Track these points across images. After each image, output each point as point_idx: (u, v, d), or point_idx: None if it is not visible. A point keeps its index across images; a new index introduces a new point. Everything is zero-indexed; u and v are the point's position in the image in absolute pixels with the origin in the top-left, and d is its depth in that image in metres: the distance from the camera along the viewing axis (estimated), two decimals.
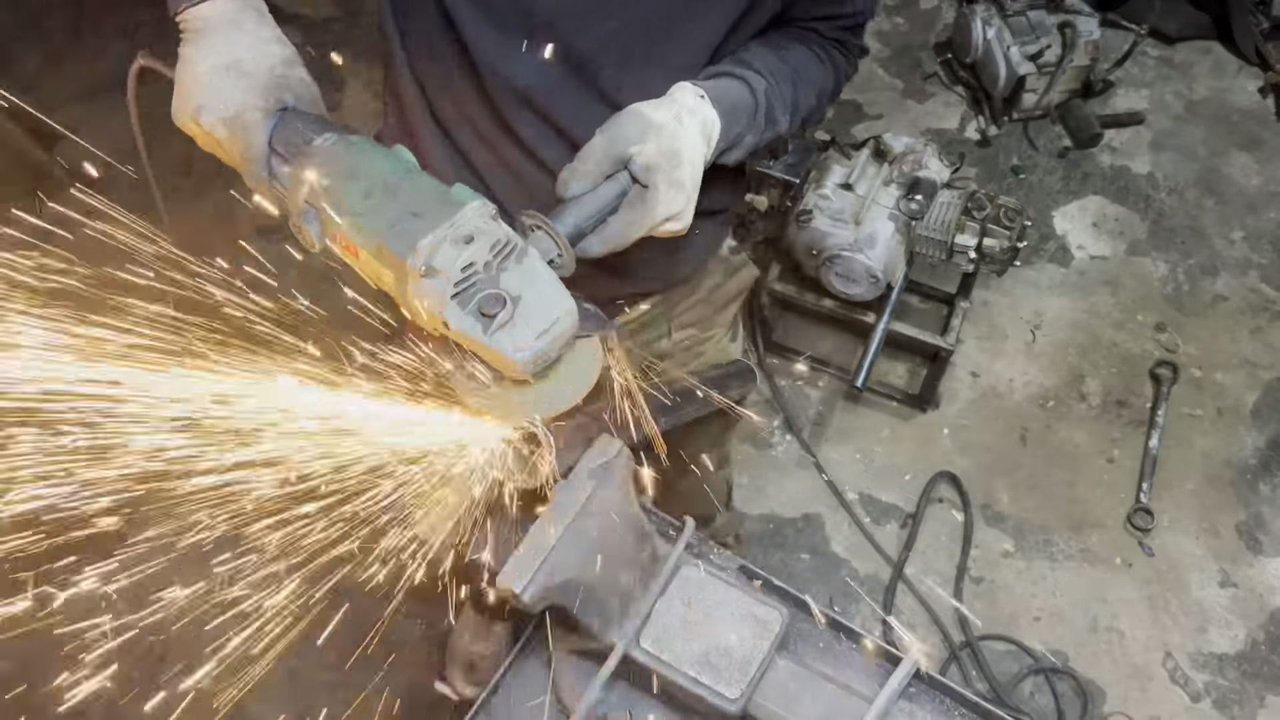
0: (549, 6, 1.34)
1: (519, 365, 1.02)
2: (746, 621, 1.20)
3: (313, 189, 1.10)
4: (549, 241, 1.14)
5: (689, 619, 1.20)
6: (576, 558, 1.13)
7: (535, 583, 1.09)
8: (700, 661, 1.17)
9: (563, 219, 1.17)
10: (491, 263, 1.03)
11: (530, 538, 1.13)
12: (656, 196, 1.22)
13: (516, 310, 1.02)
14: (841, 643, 1.27)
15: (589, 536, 1.14)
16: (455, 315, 1.01)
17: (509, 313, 1.01)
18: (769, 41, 1.50)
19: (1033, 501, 3.27)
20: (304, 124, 1.18)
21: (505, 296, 1.01)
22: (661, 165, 1.22)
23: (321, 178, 1.10)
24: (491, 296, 1.01)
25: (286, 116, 1.20)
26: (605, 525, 1.16)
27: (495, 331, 1.01)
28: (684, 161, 1.24)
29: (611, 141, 1.21)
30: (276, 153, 1.19)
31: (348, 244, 1.08)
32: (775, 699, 1.17)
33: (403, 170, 1.10)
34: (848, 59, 1.62)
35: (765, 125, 1.43)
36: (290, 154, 1.17)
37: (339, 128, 1.18)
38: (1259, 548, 3.18)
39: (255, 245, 1.46)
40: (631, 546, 1.21)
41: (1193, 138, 4.18)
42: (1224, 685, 2.95)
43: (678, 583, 1.23)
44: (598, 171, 1.21)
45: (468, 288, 1.01)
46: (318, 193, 1.10)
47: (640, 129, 1.22)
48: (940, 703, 1.20)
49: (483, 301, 1.01)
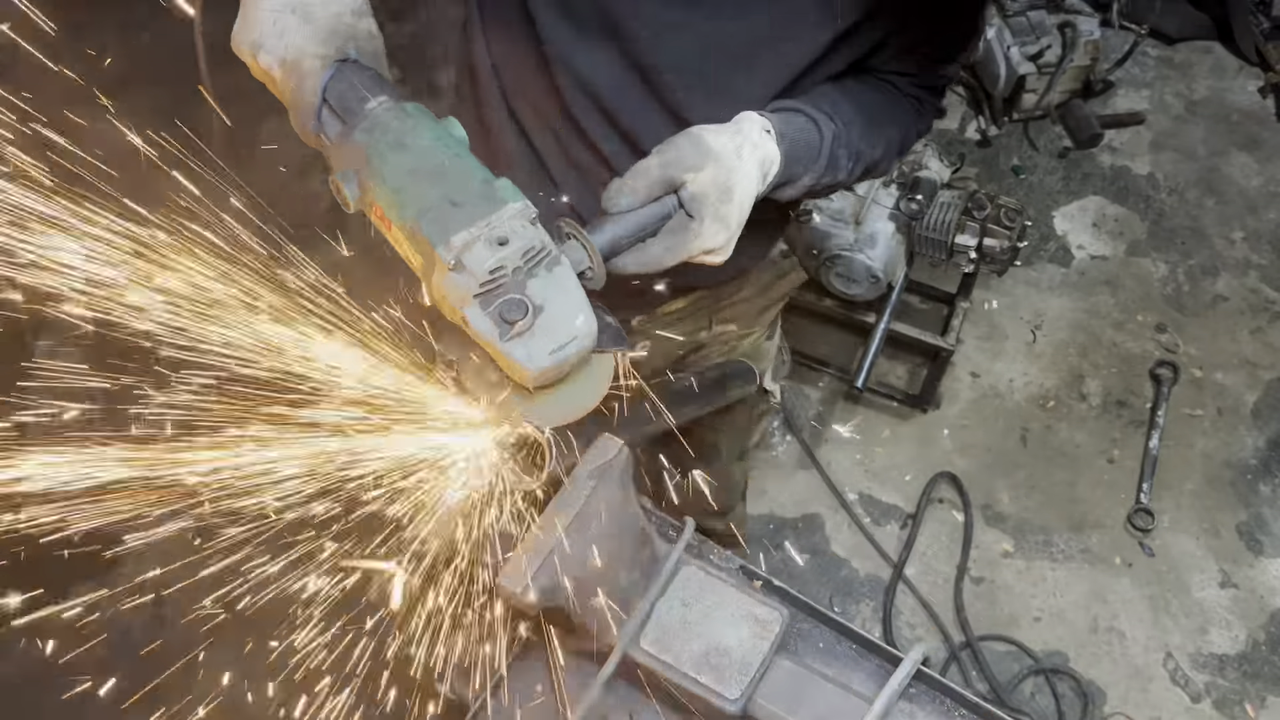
0: (627, 14, 1.32)
1: (528, 377, 1.01)
2: (746, 622, 1.20)
3: (356, 152, 1.08)
4: (582, 253, 1.12)
5: (689, 619, 1.20)
6: (576, 558, 1.13)
7: (535, 583, 1.09)
8: (700, 661, 1.17)
9: (600, 232, 1.15)
10: (521, 268, 1.01)
11: (530, 538, 1.13)
12: (700, 228, 1.19)
13: (537, 321, 1.00)
14: (841, 643, 1.27)
15: (589, 537, 1.14)
16: (475, 315, 1.00)
17: (528, 322, 0.99)
18: (845, 86, 1.46)
19: (1033, 501, 3.27)
20: (361, 80, 1.14)
21: (528, 304, 1.00)
22: (711, 198, 1.19)
23: (367, 143, 1.07)
24: (514, 303, 1.00)
25: (344, 69, 1.15)
26: (605, 525, 1.16)
27: (511, 339, 0.99)
28: (734, 198, 1.21)
29: (666, 164, 1.18)
30: (328, 104, 1.15)
31: (382, 215, 1.06)
32: (775, 699, 1.17)
33: (452, 150, 1.07)
34: (921, 116, 1.57)
35: (826, 170, 1.39)
36: (341, 110, 1.13)
37: (395, 91, 1.14)
38: (1259, 548, 3.18)
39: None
40: (631, 546, 1.21)
41: (1193, 138, 4.18)
42: (1224, 686, 2.94)
43: (678, 583, 1.23)
44: (646, 192, 1.18)
45: (493, 289, 1.00)
46: (361, 157, 1.07)
47: (698, 156, 1.19)
48: (940, 703, 1.20)
49: (504, 306, 0.99)
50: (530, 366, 1.00)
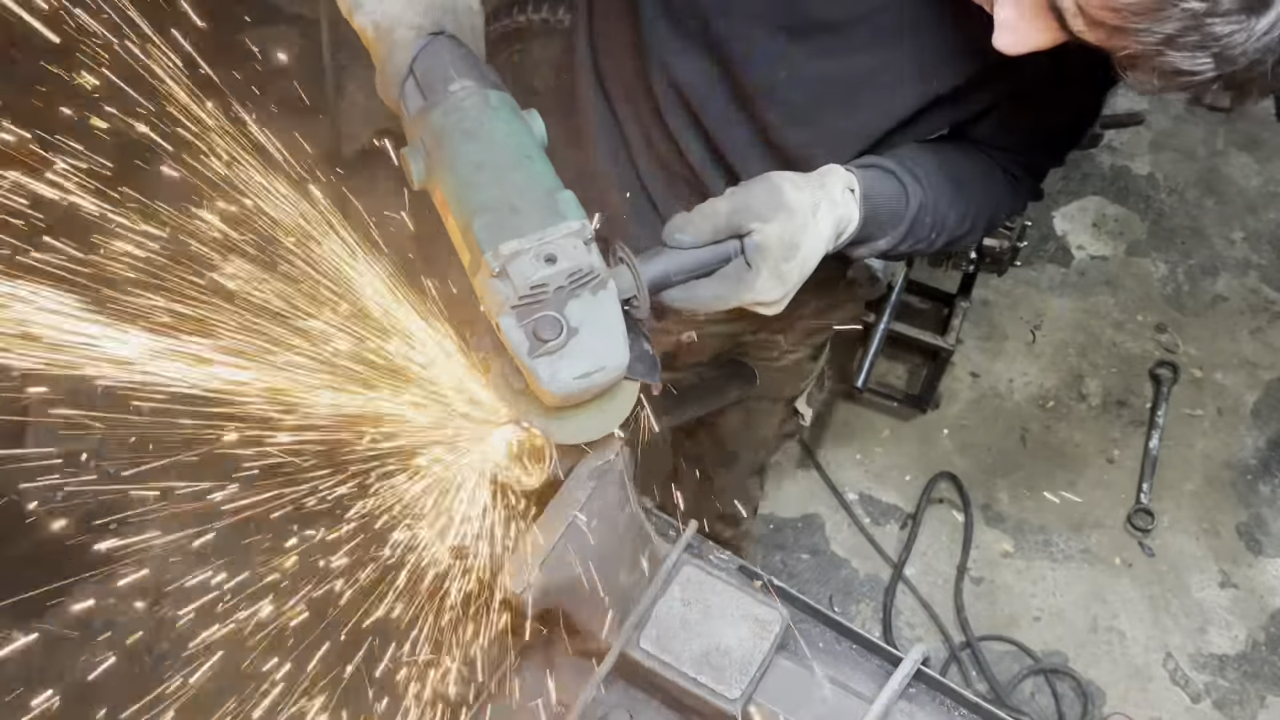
0: (730, 34, 1.29)
1: (548, 396, 1.00)
2: (746, 621, 1.20)
3: (430, 132, 1.06)
4: (631, 280, 1.10)
5: (689, 619, 1.20)
6: (576, 558, 1.13)
7: (536, 583, 1.09)
8: (700, 661, 1.17)
9: (653, 264, 1.12)
10: (565, 287, 0.99)
11: (530, 538, 1.12)
12: (756, 281, 1.15)
13: (570, 342, 0.98)
14: (841, 643, 1.27)
15: (589, 536, 1.14)
16: (509, 325, 0.98)
17: (560, 342, 0.98)
18: (942, 151, 1.40)
19: (1033, 502, 3.27)
20: (450, 58, 1.11)
21: (563, 324, 0.98)
22: (774, 252, 1.14)
23: (442, 127, 1.05)
24: (550, 320, 0.98)
25: (437, 43, 1.12)
26: (605, 525, 1.16)
27: (540, 356, 0.98)
28: (798, 255, 1.16)
29: (736, 210, 1.14)
30: (414, 76, 1.12)
31: (443, 200, 1.05)
32: (775, 699, 1.17)
33: (524, 149, 1.05)
34: (1016, 194, 1.49)
35: (905, 237, 1.33)
36: (425, 85, 1.11)
37: (482, 75, 1.11)
38: (1259, 548, 3.18)
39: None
40: (631, 546, 1.21)
41: (1193, 138, 4.18)
42: (1224, 686, 2.94)
43: (678, 583, 1.23)
44: (711, 233, 1.14)
45: (531, 303, 0.98)
46: (434, 139, 1.05)
47: (771, 207, 1.14)
48: (940, 703, 1.20)
49: (540, 322, 0.98)
50: (552, 387, 0.98)
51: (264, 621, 1.85)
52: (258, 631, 1.88)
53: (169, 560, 3.15)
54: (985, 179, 1.44)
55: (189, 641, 3.12)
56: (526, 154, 1.05)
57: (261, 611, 1.82)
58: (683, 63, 1.35)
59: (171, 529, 3.33)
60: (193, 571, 3.35)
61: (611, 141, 1.52)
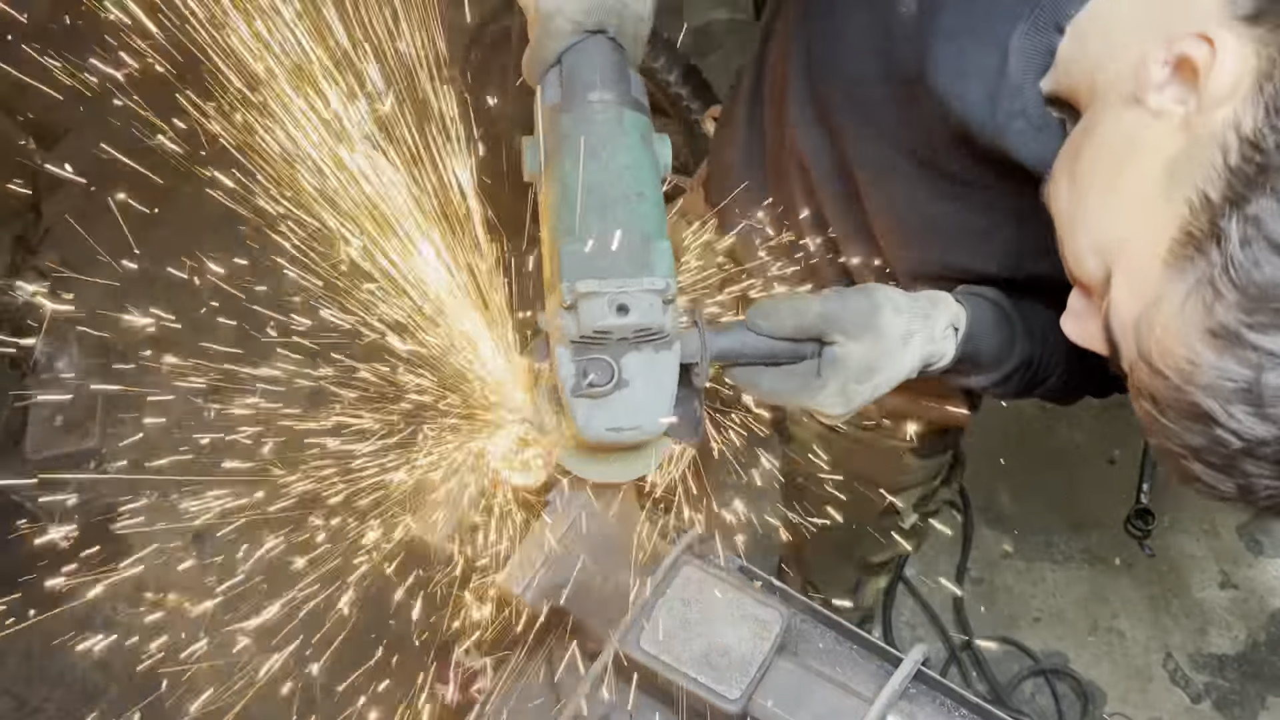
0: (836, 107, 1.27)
1: (577, 434, 0.99)
2: (746, 622, 1.20)
3: (555, 133, 1.03)
4: (697, 346, 1.07)
5: (689, 619, 1.20)
6: (577, 558, 1.13)
7: (536, 584, 1.09)
8: (700, 661, 1.17)
9: (725, 337, 1.10)
10: (629, 340, 0.97)
11: (531, 539, 1.13)
12: (820, 393, 1.12)
13: (616, 392, 0.97)
14: (841, 643, 1.27)
15: (589, 537, 1.14)
16: (564, 358, 0.97)
17: (606, 390, 0.96)
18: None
19: (1033, 502, 3.27)
20: (600, 63, 1.06)
21: (615, 374, 0.96)
22: (849, 371, 1.10)
23: (569, 134, 1.02)
24: (603, 366, 0.96)
25: (592, 42, 1.07)
26: (605, 526, 1.16)
27: (580, 396, 0.96)
28: (872, 381, 1.11)
29: (825, 317, 1.09)
30: (560, 68, 1.07)
31: (544, 203, 1.03)
32: (775, 699, 1.17)
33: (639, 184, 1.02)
34: (1068, 389, 1.39)
35: (992, 379, 1.26)
36: (566, 83, 1.07)
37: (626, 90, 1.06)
38: (1259, 549, 3.18)
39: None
40: (631, 547, 1.21)
41: None
42: (1224, 686, 2.94)
43: (678, 583, 1.23)
44: (793, 330, 1.10)
45: (590, 344, 0.97)
46: (555, 141, 1.02)
47: (861, 326, 1.09)
48: (940, 703, 1.20)
49: (594, 364, 0.96)
50: (584, 431, 0.97)
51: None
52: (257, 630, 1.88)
53: (169, 560, 3.16)
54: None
55: (189, 641, 3.12)
56: (639, 190, 1.01)
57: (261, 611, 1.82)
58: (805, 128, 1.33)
59: (170, 533, 3.32)
60: (193, 570, 3.35)
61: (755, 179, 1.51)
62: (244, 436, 1.77)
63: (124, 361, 3.49)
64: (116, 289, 3.65)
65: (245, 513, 3.33)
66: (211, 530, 3.17)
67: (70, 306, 3.61)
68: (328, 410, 1.43)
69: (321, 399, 1.48)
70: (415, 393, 1.23)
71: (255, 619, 2.88)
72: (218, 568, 3.11)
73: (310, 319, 1.40)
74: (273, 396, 1.70)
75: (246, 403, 1.82)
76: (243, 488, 3.38)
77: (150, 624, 3.06)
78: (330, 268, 1.31)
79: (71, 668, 3.00)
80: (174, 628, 3.05)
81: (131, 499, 3.26)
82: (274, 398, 1.69)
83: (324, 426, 1.39)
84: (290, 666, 3.13)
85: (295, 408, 1.56)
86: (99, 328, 3.54)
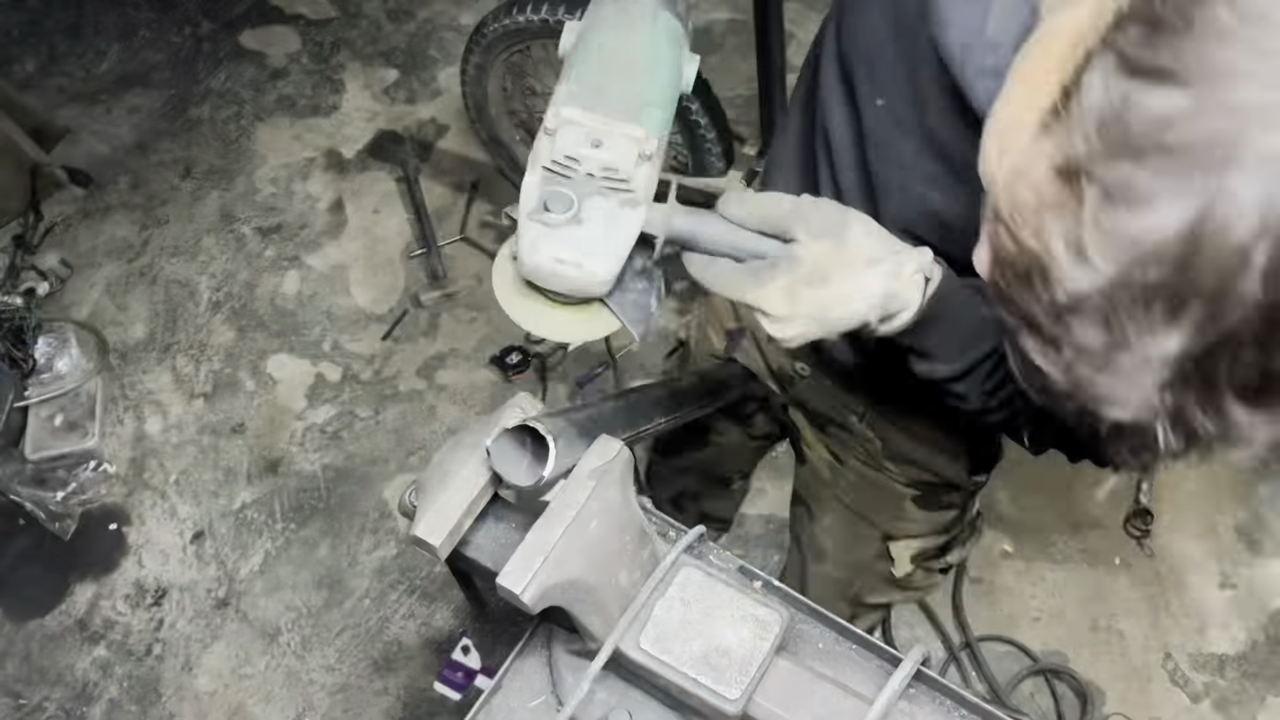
0: (861, 77, 1.22)
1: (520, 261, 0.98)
2: (746, 622, 1.20)
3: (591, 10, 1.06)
4: (663, 221, 1.02)
5: (689, 619, 1.20)
6: (576, 558, 1.13)
7: (535, 583, 1.09)
8: (700, 662, 1.17)
9: (691, 218, 1.04)
10: (595, 179, 0.95)
11: (530, 538, 1.12)
12: (769, 284, 1.03)
13: (569, 228, 0.94)
14: (841, 643, 1.27)
15: (589, 536, 1.14)
16: (532, 180, 0.96)
17: (560, 220, 0.93)
18: None
19: (1032, 502, 3.27)
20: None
21: (575, 209, 0.94)
22: (802, 269, 1.01)
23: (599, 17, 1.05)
24: (564, 199, 0.94)
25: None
26: (605, 525, 1.16)
27: (533, 222, 0.95)
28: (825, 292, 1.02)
29: (796, 212, 1.02)
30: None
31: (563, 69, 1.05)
32: (775, 700, 1.17)
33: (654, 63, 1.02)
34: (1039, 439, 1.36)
35: (954, 369, 1.16)
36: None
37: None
38: (1259, 548, 3.18)
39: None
40: (631, 546, 1.21)
41: None
42: (1224, 686, 2.95)
43: (677, 583, 1.23)
44: (759, 222, 1.04)
45: (560, 172, 0.96)
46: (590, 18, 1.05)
47: (829, 230, 1.02)
48: (940, 703, 1.20)
49: (555, 195, 0.94)
50: (529, 254, 0.97)
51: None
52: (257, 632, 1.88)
53: (169, 559, 3.16)
54: None
55: (189, 641, 3.13)
56: (652, 68, 1.02)
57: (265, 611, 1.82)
58: (830, 95, 1.30)
59: (170, 533, 3.33)
60: (193, 570, 3.36)
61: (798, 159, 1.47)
62: (244, 436, 1.77)
63: (123, 361, 3.49)
64: (116, 289, 3.65)
65: (245, 511, 3.35)
66: (212, 530, 3.18)
67: (70, 306, 3.62)
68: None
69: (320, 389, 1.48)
70: None
71: (255, 619, 2.90)
72: (218, 567, 3.11)
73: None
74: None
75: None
76: (242, 487, 3.41)
77: (150, 624, 3.06)
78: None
79: (71, 668, 3.00)
80: (174, 627, 3.05)
81: (131, 499, 3.26)
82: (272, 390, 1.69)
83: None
84: (292, 665, 3.13)
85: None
86: (99, 328, 3.55)
